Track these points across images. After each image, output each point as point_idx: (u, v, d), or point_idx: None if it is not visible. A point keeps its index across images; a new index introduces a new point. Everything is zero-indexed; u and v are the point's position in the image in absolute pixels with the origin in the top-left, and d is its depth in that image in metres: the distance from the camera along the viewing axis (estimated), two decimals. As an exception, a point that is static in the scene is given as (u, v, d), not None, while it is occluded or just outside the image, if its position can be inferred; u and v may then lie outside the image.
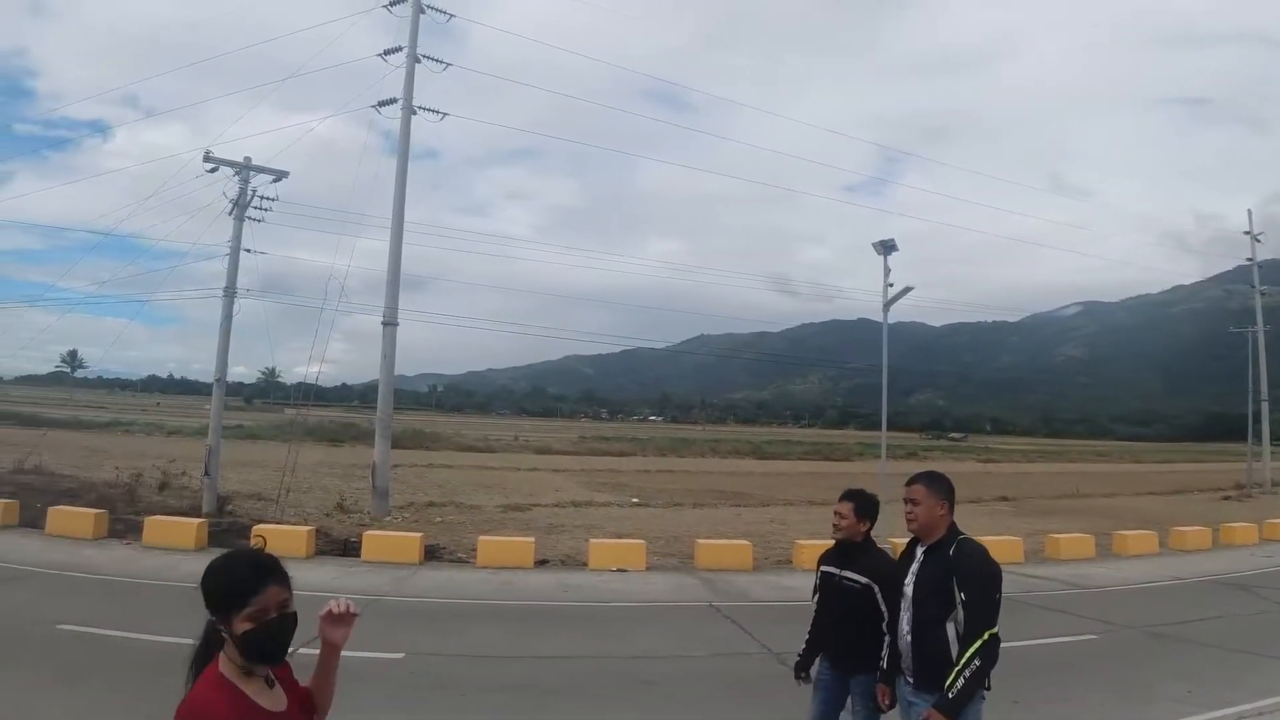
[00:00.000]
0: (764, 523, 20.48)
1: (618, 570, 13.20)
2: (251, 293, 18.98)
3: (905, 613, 3.80)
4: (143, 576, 11.25)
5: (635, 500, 25.81)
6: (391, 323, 19.94)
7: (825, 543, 4.77)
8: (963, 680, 3.41)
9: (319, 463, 31.68)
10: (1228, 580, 13.98)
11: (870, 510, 4.42)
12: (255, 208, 18.77)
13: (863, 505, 4.39)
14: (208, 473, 17.84)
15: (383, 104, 20.52)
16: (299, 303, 23.37)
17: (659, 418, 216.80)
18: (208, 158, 18.50)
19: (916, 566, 3.81)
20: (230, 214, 18.59)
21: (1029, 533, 17.99)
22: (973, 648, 3.44)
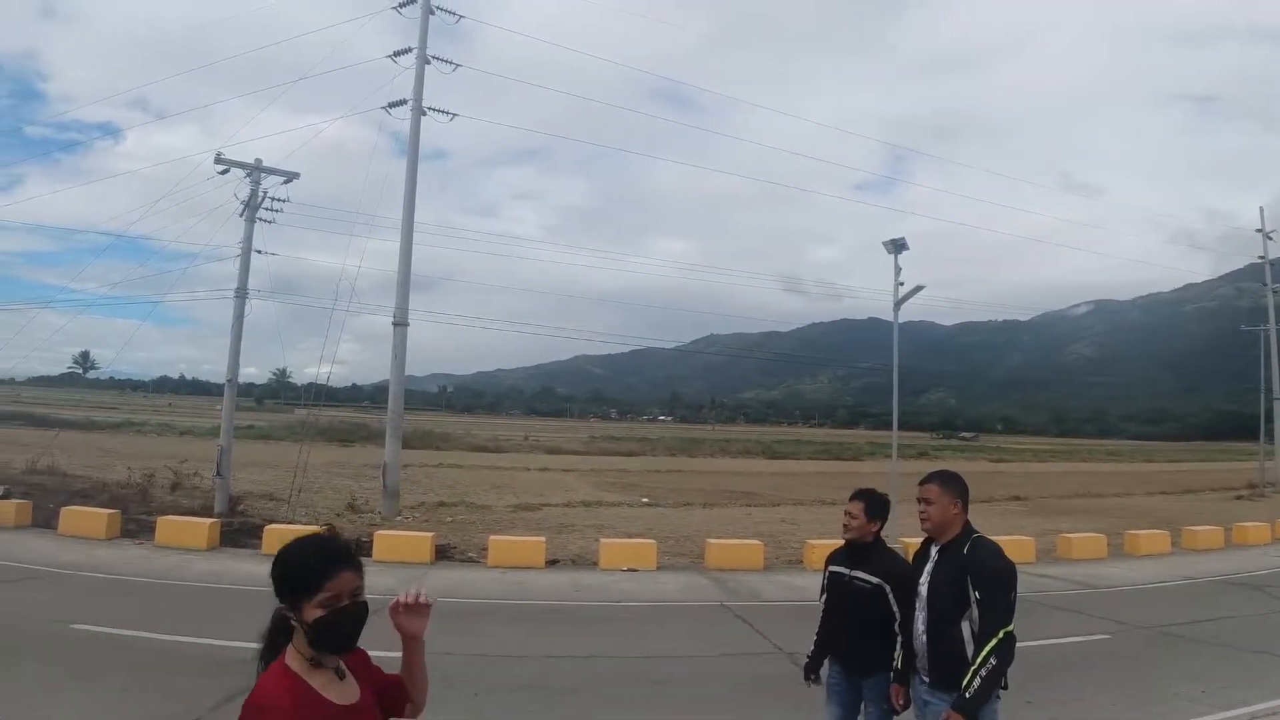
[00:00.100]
0: (774, 522, 20.45)
1: (629, 570, 13.19)
2: (263, 294, 19.09)
3: (920, 612, 3.79)
4: (155, 576, 11.32)
5: (645, 500, 25.83)
6: (402, 323, 20.01)
7: (836, 542, 4.76)
8: (979, 680, 3.40)
9: (330, 463, 31.88)
10: (1240, 580, 13.87)
11: (881, 510, 4.40)
12: (266, 209, 18.93)
13: (873, 505, 4.37)
14: (220, 473, 17.93)
15: (393, 105, 20.65)
16: (310, 304, 23.75)
17: (669, 418, 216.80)
18: (219, 159, 18.65)
19: (931, 566, 3.80)
20: (241, 215, 18.76)
21: (1041, 532, 17.92)
22: (988, 647, 3.43)
